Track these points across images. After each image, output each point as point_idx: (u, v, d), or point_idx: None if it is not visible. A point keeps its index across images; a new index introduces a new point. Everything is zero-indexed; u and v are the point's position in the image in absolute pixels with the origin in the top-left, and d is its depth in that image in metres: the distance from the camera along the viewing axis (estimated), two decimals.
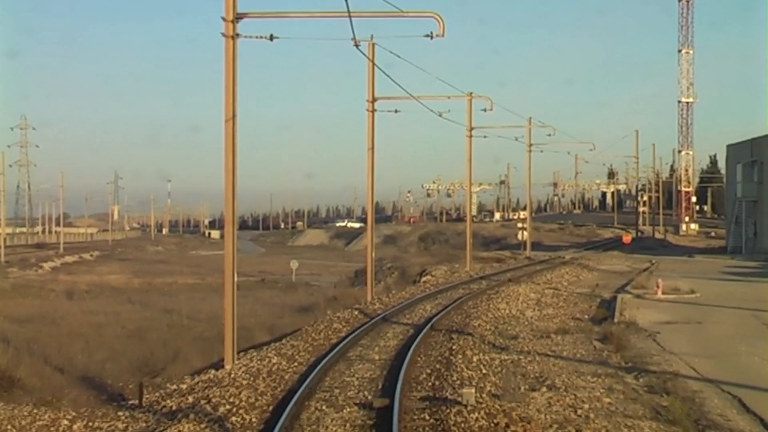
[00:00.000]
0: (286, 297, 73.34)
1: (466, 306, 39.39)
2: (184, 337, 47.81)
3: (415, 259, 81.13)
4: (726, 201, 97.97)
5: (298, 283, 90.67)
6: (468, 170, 65.36)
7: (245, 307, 65.57)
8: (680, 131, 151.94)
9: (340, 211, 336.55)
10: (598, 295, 46.60)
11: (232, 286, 25.71)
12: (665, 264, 69.97)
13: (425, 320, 34.24)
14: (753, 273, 61.35)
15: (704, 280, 53.56)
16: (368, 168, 44.15)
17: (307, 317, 54.80)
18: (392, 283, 70.12)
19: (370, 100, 43.67)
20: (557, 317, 37.70)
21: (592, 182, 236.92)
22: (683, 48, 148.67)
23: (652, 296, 44.39)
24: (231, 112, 24.31)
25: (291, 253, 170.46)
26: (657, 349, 27.68)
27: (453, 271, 69.77)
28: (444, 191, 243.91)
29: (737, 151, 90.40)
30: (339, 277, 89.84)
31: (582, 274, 61.57)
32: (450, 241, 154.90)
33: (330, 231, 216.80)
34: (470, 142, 63.62)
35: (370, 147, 43.83)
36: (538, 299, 44.67)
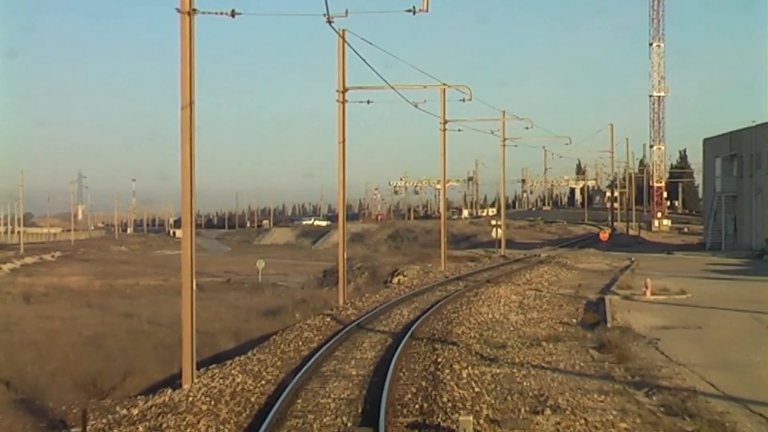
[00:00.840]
0: (252, 299, 70.49)
1: (445, 310, 36.70)
2: (143, 345, 45.04)
3: (386, 259, 78.37)
4: (704, 196, 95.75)
5: (265, 284, 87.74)
6: (441, 165, 62.59)
7: (209, 310, 62.92)
8: (652, 126, 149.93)
9: (306, 209, 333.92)
10: (583, 296, 44.09)
11: (190, 295, 22.81)
12: (645, 262, 67.56)
13: (404, 327, 31.52)
14: (738, 271, 59.07)
15: (690, 279, 51.15)
16: (339, 162, 41.31)
17: (274, 321, 52.34)
18: (363, 284, 67.44)
19: (340, 90, 40.81)
20: (544, 322, 35.13)
21: (561, 178, 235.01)
22: (654, 41, 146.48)
23: (641, 297, 41.92)
24: (188, 98, 21.52)
25: (257, 252, 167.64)
26: (663, 360, 25.08)
27: (426, 271, 67.15)
28: (411, 188, 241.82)
29: (715, 144, 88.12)
30: (307, 277, 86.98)
31: (561, 274, 59.02)
32: (419, 239, 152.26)
33: (296, 229, 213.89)
34: (444, 135, 60.90)
35: (341, 140, 40.99)
36: (520, 301, 42.06)
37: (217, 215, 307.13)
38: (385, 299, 41.83)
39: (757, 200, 77.41)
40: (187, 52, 21.76)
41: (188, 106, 21.49)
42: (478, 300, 40.34)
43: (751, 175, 78.60)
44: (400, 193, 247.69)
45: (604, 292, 45.10)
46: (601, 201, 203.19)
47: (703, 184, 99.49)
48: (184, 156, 21.73)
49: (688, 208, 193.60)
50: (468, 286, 47.97)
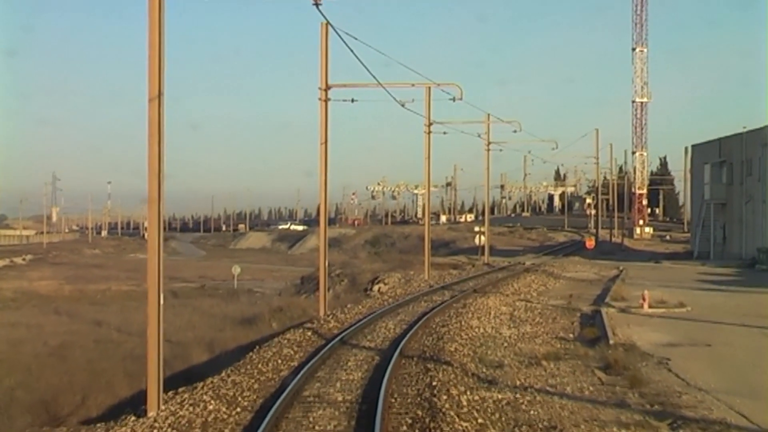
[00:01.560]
0: (227, 306, 68.02)
1: (433, 323, 34.33)
2: (111, 356, 42.64)
3: (366, 265, 75.93)
4: (691, 204, 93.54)
5: (241, 290, 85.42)
6: (426, 169, 60.11)
7: (183, 317, 60.50)
8: (634, 132, 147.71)
9: (283, 213, 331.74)
10: (576, 308, 41.79)
11: (157, 311, 20.36)
12: (634, 271, 65.32)
13: (391, 343, 29.15)
14: (731, 281, 56.90)
15: (684, 290, 48.93)
16: (321, 164, 38.80)
17: (250, 330, 50.09)
18: (342, 292, 65.15)
19: (323, 88, 38.34)
20: (539, 336, 32.84)
21: (540, 184, 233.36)
22: (637, 46, 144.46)
23: (639, 310, 39.60)
24: (157, 89, 19.08)
25: (233, 256, 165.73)
26: (680, 384, 22.77)
27: (408, 279, 64.81)
28: (389, 193, 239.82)
29: (704, 151, 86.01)
30: (284, 284, 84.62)
31: (549, 283, 56.75)
32: (397, 244, 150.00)
33: (273, 234, 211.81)
34: (429, 138, 58.51)
35: (323, 141, 38.49)
36: (510, 313, 39.76)
37: (193, 219, 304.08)
38: (369, 310, 39.40)
39: (747, 208, 75.30)
40: (155, 36, 19.33)
41: (156, 97, 19.07)
42: (467, 312, 37.98)
43: (742, 182, 76.51)
44: (377, 198, 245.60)
45: (598, 304, 42.84)
46: (581, 207, 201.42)
47: (690, 192, 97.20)
48: (152, 153, 19.30)
49: (669, 215, 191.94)
50: (454, 296, 45.62)
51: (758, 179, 72.99)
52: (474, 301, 42.72)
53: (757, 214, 73.27)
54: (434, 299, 44.31)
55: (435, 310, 38.09)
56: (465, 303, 41.78)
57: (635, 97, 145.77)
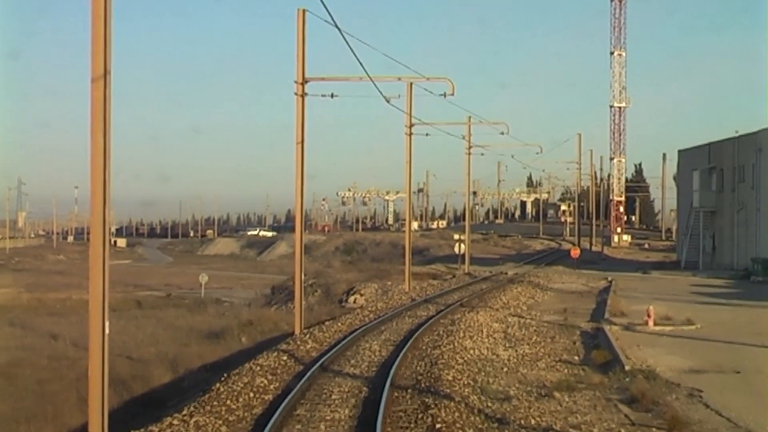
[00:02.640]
0: (193, 317, 64.18)
1: (423, 344, 30.70)
2: (64, 376, 38.74)
3: (340, 275, 72.05)
4: (678, 211, 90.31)
5: (208, 300, 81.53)
6: (407, 173, 56.31)
7: (146, 330, 56.70)
8: (612, 137, 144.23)
9: (252, 218, 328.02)
10: (574, 324, 38.39)
11: (101, 345, 16.63)
12: (623, 282, 61.94)
13: (379, 369, 25.53)
14: (730, 294, 53.63)
15: (683, 304, 45.72)
16: (297, 165, 34.96)
17: (217, 346, 46.75)
18: (316, 303, 61.46)
19: (299, 82, 34.57)
20: (541, 360, 29.37)
21: (512, 191, 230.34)
22: (616, 50, 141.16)
23: (645, 328, 36.22)
24: (102, 67, 15.35)
25: (200, 262, 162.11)
26: (727, 425, 19.30)
27: (385, 290, 61.19)
28: (360, 199, 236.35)
29: (692, 156, 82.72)
30: (253, 293, 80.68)
31: (537, 295, 53.28)
32: (369, 251, 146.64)
33: (241, 240, 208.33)
34: (410, 140, 54.80)
35: (299, 140, 34.71)
36: (504, 331, 36.25)
37: (160, 224, 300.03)
38: (349, 328, 35.64)
39: (739, 216, 72.04)
40: (100, 3, 15.60)
41: (102, 77, 15.34)
42: (457, 330, 34.34)
43: (733, 189, 73.22)
44: (348, 204, 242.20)
45: (597, 320, 39.45)
46: (555, 215, 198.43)
47: (677, 199, 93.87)
48: (95, 143, 15.55)
49: (644, 223, 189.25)
50: (440, 310, 42.00)
51: (752, 186, 69.70)
52: (463, 316, 39.08)
53: (750, 223, 70.00)
54: (419, 314, 40.65)
55: (422, 328, 34.42)
56: (453, 319, 38.17)
57: (613, 101, 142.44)
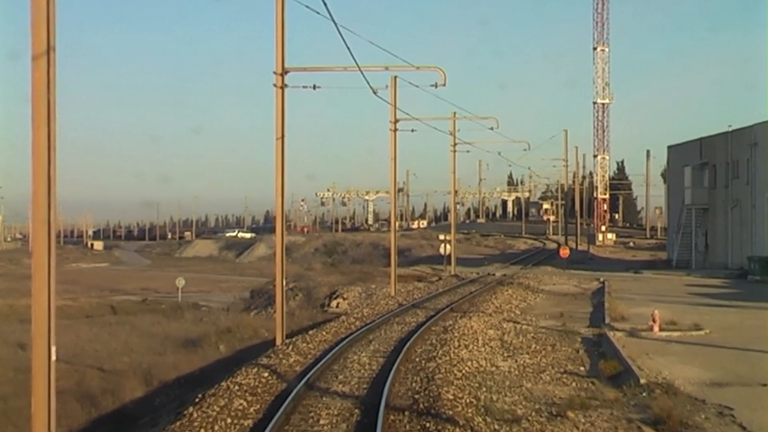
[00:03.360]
0: (169, 324, 61.61)
1: (416, 356, 28.22)
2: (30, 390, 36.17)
3: (322, 278, 69.51)
4: (669, 208, 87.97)
5: (185, 305, 78.83)
6: (392, 170, 53.67)
7: (119, 338, 54.15)
8: (595, 134, 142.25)
9: (230, 220, 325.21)
10: (573, 330, 36.01)
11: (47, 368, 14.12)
12: (616, 282, 59.61)
13: (370, 387, 23.06)
14: (730, 295, 51.37)
15: (684, 306, 43.60)
16: (277, 162, 32.37)
17: (194, 355, 44.55)
18: (297, 308, 58.99)
19: (278, 72, 32.01)
20: (544, 371, 27.00)
21: (493, 190, 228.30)
22: (599, 45, 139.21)
23: (651, 334, 33.86)
24: (45, 43, 12.84)
25: (178, 265, 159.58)
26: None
27: (369, 293, 58.82)
28: (339, 199, 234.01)
29: (683, 152, 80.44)
30: (232, 297, 78.00)
31: (529, 298, 50.92)
32: (349, 252, 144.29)
33: (219, 242, 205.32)
34: (395, 136, 52.28)
35: (279, 136, 32.14)
36: (501, 339, 33.84)
37: (138, 226, 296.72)
38: (335, 337, 33.09)
39: (733, 214, 69.81)
40: None
41: (45, 54, 12.82)
42: (451, 339, 31.84)
43: (727, 185, 70.98)
44: (327, 205, 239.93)
45: (597, 325, 37.11)
46: (537, 213, 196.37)
47: (667, 196, 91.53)
48: (38, 135, 13.02)
49: (627, 221, 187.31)
50: (430, 316, 39.53)
51: (746, 182, 67.49)
52: (455, 323, 36.60)
53: (745, 220, 67.81)
54: (408, 321, 38.14)
55: (413, 336, 31.89)
56: (445, 326, 35.69)
57: (596, 98, 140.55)
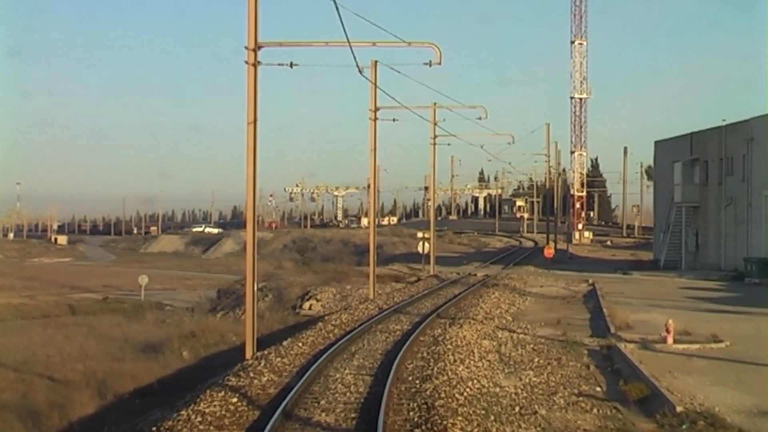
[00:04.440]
0: (130, 326, 58.04)
1: (408, 374, 24.48)
2: None
3: (294, 277, 65.55)
4: (655, 206, 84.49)
5: (148, 304, 75.08)
6: (372, 163, 49.93)
7: (75, 342, 50.70)
8: (573, 130, 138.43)
9: (197, 215, 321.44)
10: (576, 341, 32.36)
11: None
12: (606, 284, 56.05)
13: (361, 415, 19.33)
14: (732, 299, 48.11)
15: (688, 313, 40.10)
16: (248, 148, 28.45)
17: (155, 362, 41.36)
18: (267, 310, 55.41)
19: (251, 48, 28.05)
20: (557, 393, 23.49)
21: (464, 186, 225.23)
22: (576, 39, 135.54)
23: (665, 346, 30.28)
24: None
25: (144, 261, 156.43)
26: None
27: (345, 294, 55.26)
28: (308, 195, 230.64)
29: (671, 148, 76.91)
30: (197, 297, 74.12)
31: (518, 302, 47.25)
32: (319, 249, 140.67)
33: (186, 237, 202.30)
34: (375, 125, 48.50)
35: (251, 120, 28.19)
36: (498, 351, 30.16)
37: (104, 221, 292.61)
38: (312, 350, 29.15)
39: (727, 212, 66.26)
40: None
41: None
42: (444, 352, 28.01)
43: (720, 182, 67.45)
44: (295, 200, 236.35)
45: (601, 334, 33.56)
46: (510, 211, 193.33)
47: (654, 193, 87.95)
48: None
49: (602, 219, 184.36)
50: (416, 323, 35.80)
51: (742, 179, 63.96)
52: (445, 332, 32.76)
53: (740, 220, 64.27)
54: (392, 329, 34.27)
55: (402, 349, 27.99)
56: (434, 336, 31.89)
57: (574, 92, 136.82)
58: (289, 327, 44.40)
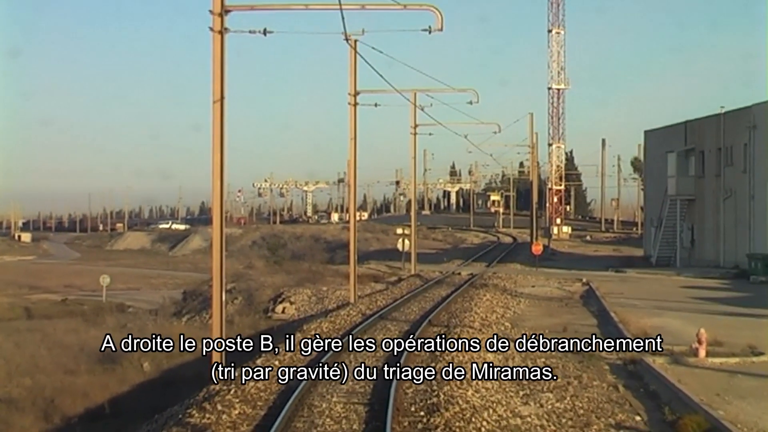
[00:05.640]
0: (88, 331, 53.39)
1: (408, 401, 20.27)
2: None
3: (265, 278, 60.93)
4: (646, 200, 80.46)
5: (110, 306, 70.40)
6: (351, 150, 45.38)
7: (26, 351, 46.14)
8: (550, 122, 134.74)
9: (164, 211, 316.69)
10: (592, 353, 28.06)
11: None
12: (601, 284, 52.08)
13: None
14: (742, 300, 44.44)
15: (702, 316, 36.76)
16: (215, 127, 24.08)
17: (112, 375, 37.77)
18: (236, 314, 50.98)
19: (216, 12, 23.50)
20: (591, 425, 19.69)
21: (436, 180, 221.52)
22: (554, 28, 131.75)
23: (699, 361, 26.24)
24: None
25: (109, 258, 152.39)
26: None
27: (321, 296, 51.07)
28: (277, 190, 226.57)
29: (663, 137, 72.84)
30: (161, 298, 69.50)
31: (511, 304, 43.16)
32: (289, 245, 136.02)
33: (152, 234, 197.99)
34: (354, 111, 44.19)
35: (218, 98, 23.77)
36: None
37: (70, 218, 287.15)
38: (291, 365, 24.70)
39: (726, 206, 62.21)
40: None
41: None
42: (447, 372, 23.70)
43: (718, 174, 63.38)
44: (264, 196, 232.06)
45: (621, 347, 29.20)
46: (484, 205, 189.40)
47: (645, 185, 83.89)
48: None
49: (579, 213, 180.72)
50: (404, 331, 31.56)
51: (743, 170, 59.89)
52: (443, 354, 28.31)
53: (741, 213, 60.24)
54: (379, 340, 29.85)
55: (397, 370, 23.60)
56: (433, 354, 27.42)
57: (551, 83, 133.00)
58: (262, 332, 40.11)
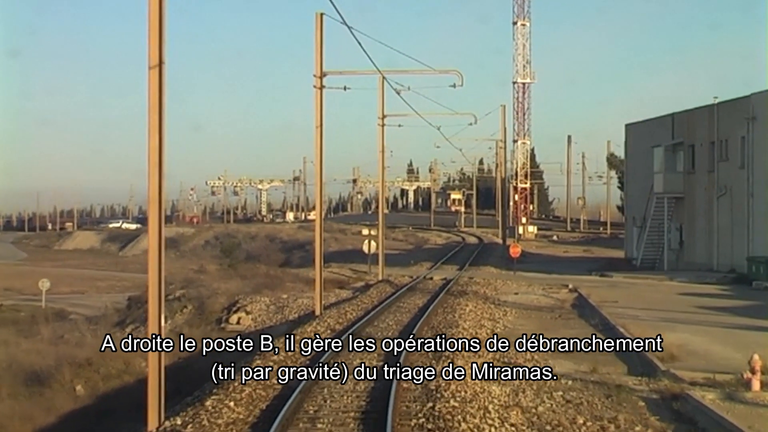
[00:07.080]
0: (20, 344, 48.09)
1: None
2: None
3: (218, 284, 55.34)
4: (626, 198, 75.61)
5: (49, 313, 64.80)
6: (317, 138, 39.78)
7: None
8: (516, 117, 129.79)
9: (116, 210, 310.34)
10: (616, 382, 23.38)
11: None
12: (591, 290, 47.22)
13: None
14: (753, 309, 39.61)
15: (722, 331, 33.02)
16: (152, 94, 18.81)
17: (37, 402, 33.02)
18: (185, 325, 45.71)
19: None
20: None
21: (394, 179, 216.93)
22: (519, 20, 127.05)
23: (756, 394, 21.19)
24: None
25: (57, 258, 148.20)
26: None
27: (281, 305, 45.93)
28: (230, 188, 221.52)
29: (647, 131, 67.97)
30: (104, 307, 63.94)
31: (498, 316, 38.03)
32: (243, 245, 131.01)
33: (102, 233, 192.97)
34: (320, 95, 38.85)
35: (154, 64, 18.41)
36: (517, 404, 20.91)
37: (18, 217, 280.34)
38: (250, 412, 19.33)
39: (721, 204, 57.34)
40: None
41: None
42: (451, 417, 18.45)
43: (711, 169, 58.58)
44: (217, 194, 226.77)
45: (647, 371, 24.30)
46: (444, 204, 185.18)
47: (625, 182, 79.00)
48: None
49: (542, 212, 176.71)
50: (382, 355, 26.26)
51: (740, 165, 55.11)
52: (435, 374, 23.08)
53: (737, 212, 55.46)
54: (357, 368, 24.43)
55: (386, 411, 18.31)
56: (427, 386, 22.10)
57: (516, 77, 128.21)
58: (214, 353, 34.61)
